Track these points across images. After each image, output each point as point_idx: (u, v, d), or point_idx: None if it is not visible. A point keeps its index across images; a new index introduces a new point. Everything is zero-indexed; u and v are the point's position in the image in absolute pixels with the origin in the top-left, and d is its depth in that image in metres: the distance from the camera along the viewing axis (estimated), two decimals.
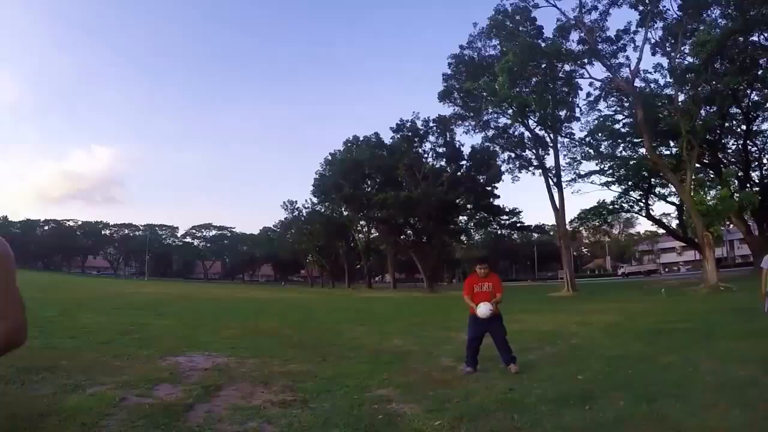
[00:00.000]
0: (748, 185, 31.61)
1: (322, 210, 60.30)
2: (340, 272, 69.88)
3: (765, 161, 33.95)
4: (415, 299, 28.38)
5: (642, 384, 4.77)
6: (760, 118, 31.56)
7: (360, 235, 61.05)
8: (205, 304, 19.95)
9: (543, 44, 26.82)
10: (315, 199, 59.45)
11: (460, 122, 35.17)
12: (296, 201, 70.35)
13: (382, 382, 5.41)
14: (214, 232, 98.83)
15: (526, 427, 3.60)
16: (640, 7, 25.21)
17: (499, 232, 60.82)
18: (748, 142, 32.20)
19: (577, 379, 5.24)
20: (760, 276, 7.54)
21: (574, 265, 35.76)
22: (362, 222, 57.25)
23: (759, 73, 26.61)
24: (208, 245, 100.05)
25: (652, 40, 26.50)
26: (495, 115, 33.04)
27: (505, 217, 50.36)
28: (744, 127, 31.38)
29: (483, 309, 5.93)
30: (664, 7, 25.58)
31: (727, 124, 30.73)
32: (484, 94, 27.39)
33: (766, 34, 25.57)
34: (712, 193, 27.98)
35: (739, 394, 4.19)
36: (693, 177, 25.37)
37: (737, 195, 26.55)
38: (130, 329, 9.78)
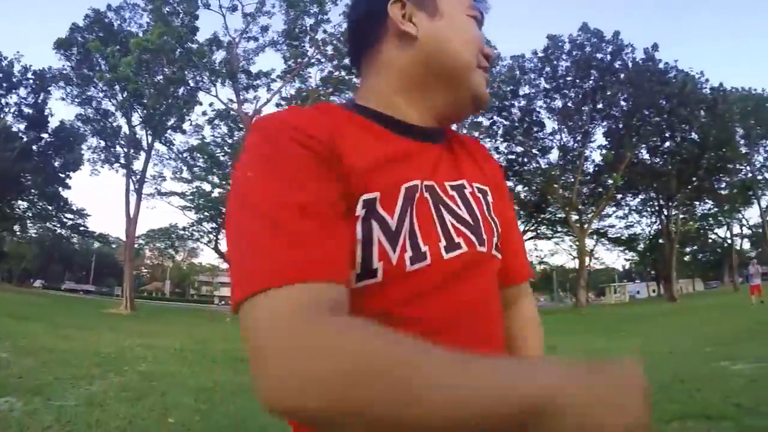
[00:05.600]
0: None
1: None
2: None
3: None
4: None
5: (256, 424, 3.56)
6: None
7: None
8: None
9: (192, 45, 25.84)
10: None
11: (63, 83, 29.62)
12: None
13: None
14: None
15: None
16: (290, 61, 26.70)
17: (58, 231, 52.49)
18: None
19: (169, 423, 3.80)
20: None
21: (134, 283, 34.05)
22: None
23: None
24: None
25: (284, 94, 28.10)
26: (101, 96, 29.62)
27: (70, 215, 44.78)
28: None
29: None
30: (308, 74, 27.48)
31: None
32: (103, 62, 24.52)
33: None
34: None
35: None
36: None
37: None
38: None
